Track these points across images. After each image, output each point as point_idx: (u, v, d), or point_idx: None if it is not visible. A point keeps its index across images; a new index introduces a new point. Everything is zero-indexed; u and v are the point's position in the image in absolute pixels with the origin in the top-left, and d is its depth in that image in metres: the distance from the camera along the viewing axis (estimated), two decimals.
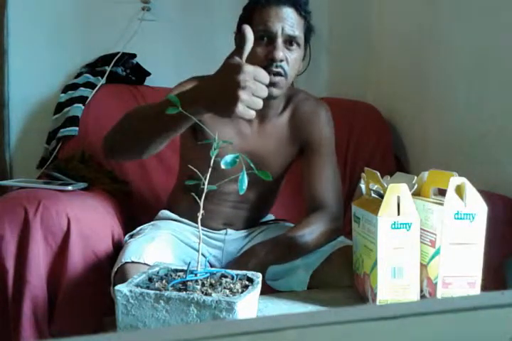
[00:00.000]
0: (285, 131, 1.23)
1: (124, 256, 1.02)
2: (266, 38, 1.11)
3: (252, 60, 1.10)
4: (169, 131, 0.89)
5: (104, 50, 1.82)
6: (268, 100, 1.16)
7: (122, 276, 0.98)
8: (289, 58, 1.11)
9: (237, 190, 1.19)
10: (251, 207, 1.28)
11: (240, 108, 0.77)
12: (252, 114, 0.79)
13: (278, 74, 1.10)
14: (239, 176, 0.76)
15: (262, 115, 1.21)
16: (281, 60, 1.10)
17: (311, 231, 1.13)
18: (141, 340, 0.33)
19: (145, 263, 0.99)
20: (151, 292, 0.72)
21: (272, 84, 1.10)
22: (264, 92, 0.79)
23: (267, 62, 1.09)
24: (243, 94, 0.76)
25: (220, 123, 1.15)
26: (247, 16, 1.14)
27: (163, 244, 1.10)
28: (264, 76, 0.79)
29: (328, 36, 2.08)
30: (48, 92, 1.82)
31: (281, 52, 1.09)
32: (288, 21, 1.10)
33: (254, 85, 0.77)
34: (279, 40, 1.10)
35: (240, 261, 1.10)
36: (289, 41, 1.11)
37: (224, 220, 1.27)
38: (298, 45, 1.13)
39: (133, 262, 0.99)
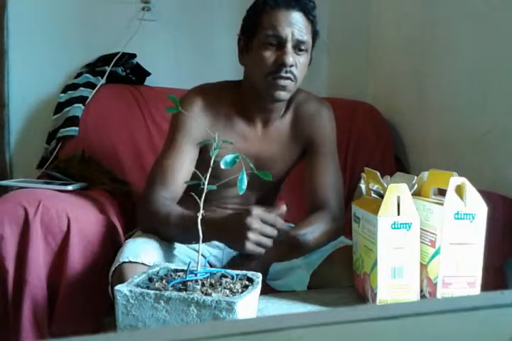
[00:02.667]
0: (288, 132, 1.23)
1: (121, 255, 1.02)
2: (275, 43, 1.10)
3: (261, 64, 1.11)
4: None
5: (104, 50, 1.82)
6: (274, 103, 1.17)
7: (120, 276, 0.97)
8: (298, 63, 1.11)
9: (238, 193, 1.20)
10: None
11: (249, 246, 0.92)
12: (261, 251, 0.94)
13: (288, 79, 1.10)
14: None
15: (266, 118, 1.21)
16: (291, 66, 1.09)
17: (313, 231, 1.13)
18: (141, 340, 0.33)
19: (142, 263, 0.98)
20: (151, 292, 0.72)
21: (281, 88, 1.11)
22: (272, 232, 0.94)
23: (277, 67, 1.09)
24: (250, 234, 0.92)
25: (223, 127, 1.16)
26: (255, 19, 1.13)
27: (161, 244, 1.10)
28: (271, 218, 0.94)
29: (328, 36, 2.08)
30: (47, 92, 1.82)
31: (291, 57, 1.09)
32: (297, 26, 1.10)
33: (260, 226, 0.92)
34: (289, 45, 1.09)
35: (241, 258, 1.10)
36: (298, 46, 1.11)
37: None
38: (306, 49, 1.13)
39: (130, 262, 0.99)
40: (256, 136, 1.21)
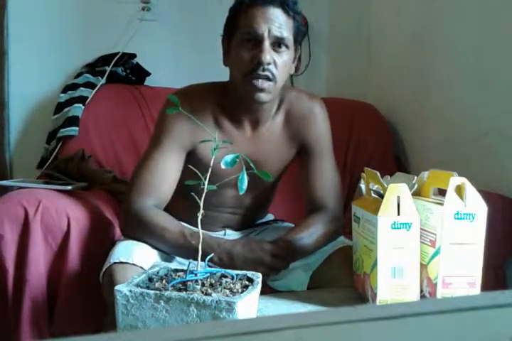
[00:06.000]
0: (281, 133, 1.19)
1: (112, 256, 1.01)
2: (252, 41, 1.06)
3: (239, 64, 1.07)
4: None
5: (104, 50, 1.82)
6: (258, 105, 1.12)
7: (110, 277, 0.97)
8: (278, 61, 1.06)
9: (234, 195, 1.18)
10: (248, 211, 1.27)
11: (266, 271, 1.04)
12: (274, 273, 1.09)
13: (266, 78, 1.05)
14: (236, 180, 0.76)
15: (255, 120, 1.16)
16: (269, 63, 1.04)
17: (310, 234, 1.12)
18: (141, 340, 0.33)
19: (133, 264, 0.97)
20: (151, 292, 0.72)
21: (260, 89, 1.06)
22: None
23: (254, 66, 1.04)
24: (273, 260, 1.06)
25: (211, 130, 1.12)
26: (233, 18, 1.10)
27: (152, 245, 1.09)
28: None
29: (328, 36, 2.08)
30: (47, 92, 1.82)
31: (268, 55, 1.04)
32: (275, 22, 1.05)
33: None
34: (266, 43, 1.04)
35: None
36: (277, 43, 1.06)
37: (222, 224, 1.26)
38: (287, 47, 1.07)
39: (121, 262, 0.98)
40: (245, 139, 1.16)
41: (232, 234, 1.27)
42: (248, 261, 1.03)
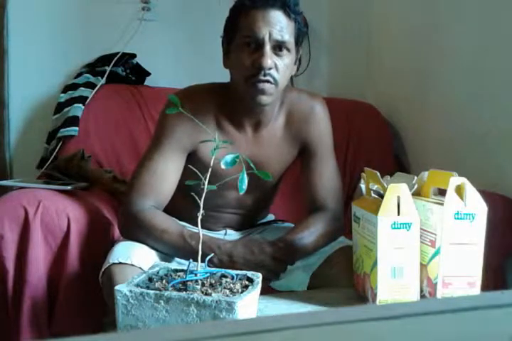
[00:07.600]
0: (283, 134, 1.19)
1: (111, 257, 1.00)
2: (253, 44, 1.04)
3: (240, 68, 1.06)
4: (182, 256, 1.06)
5: (104, 50, 1.82)
6: (260, 107, 1.11)
7: (109, 277, 0.97)
8: (279, 65, 1.05)
9: (236, 196, 1.18)
10: (249, 212, 1.27)
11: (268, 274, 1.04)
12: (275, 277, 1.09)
13: (267, 82, 1.04)
14: (237, 182, 0.76)
15: (256, 122, 1.15)
16: (270, 68, 1.03)
17: (310, 234, 1.12)
18: (141, 340, 0.33)
19: (132, 265, 0.97)
20: (151, 292, 0.72)
21: (261, 92, 1.05)
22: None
23: (255, 71, 1.03)
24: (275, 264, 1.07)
25: (212, 132, 1.11)
26: (233, 20, 1.09)
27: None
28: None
29: (328, 36, 2.08)
30: (48, 92, 1.82)
31: (269, 60, 1.02)
32: (276, 26, 1.03)
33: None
34: (267, 47, 1.03)
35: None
36: (278, 47, 1.04)
37: (223, 224, 1.26)
38: (288, 50, 1.06)
39: (120, 263, 0.98)
40: (246, 141, 1.16)
41: (232, 234, 1.28)
42: (249, 263, 1.03)
